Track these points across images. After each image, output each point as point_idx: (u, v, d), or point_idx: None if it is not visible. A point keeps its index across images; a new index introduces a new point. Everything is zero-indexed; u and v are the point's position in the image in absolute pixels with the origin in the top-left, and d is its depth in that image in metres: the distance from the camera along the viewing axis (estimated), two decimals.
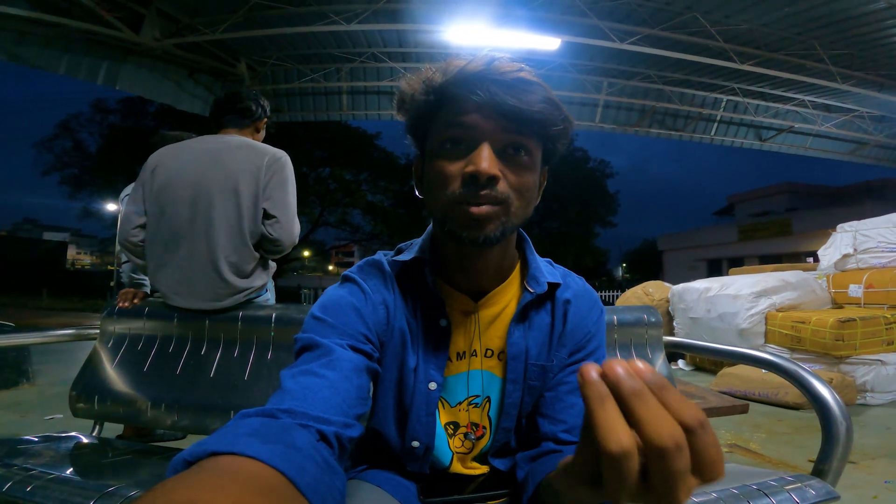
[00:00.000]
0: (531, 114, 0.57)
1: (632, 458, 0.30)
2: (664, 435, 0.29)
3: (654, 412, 0.30)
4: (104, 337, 1.54)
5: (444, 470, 0.72)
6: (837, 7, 6.72)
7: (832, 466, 0.91)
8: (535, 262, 0.73)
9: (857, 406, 3.59)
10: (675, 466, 0.29)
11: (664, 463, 0.29)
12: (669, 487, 0.30)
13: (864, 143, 12.48)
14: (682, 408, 0.30)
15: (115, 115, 20.46)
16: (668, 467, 0.29)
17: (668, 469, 0.29)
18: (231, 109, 1.72)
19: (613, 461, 0.30)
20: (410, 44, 8.78)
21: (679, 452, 0.29)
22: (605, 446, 0.30)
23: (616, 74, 9.86)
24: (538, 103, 0.58)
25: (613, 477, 0.30)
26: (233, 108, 1.72)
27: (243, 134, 1.72)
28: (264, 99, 1.81)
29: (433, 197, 0.63)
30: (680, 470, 0.29)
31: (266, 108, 1.80)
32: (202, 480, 0.33)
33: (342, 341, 0.59)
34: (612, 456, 0.30)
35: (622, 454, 0.29)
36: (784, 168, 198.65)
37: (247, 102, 1.73)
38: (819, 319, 3.87)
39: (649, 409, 0.30)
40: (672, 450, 0.29)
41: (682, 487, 0.30)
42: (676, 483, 0.30)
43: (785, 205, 22.29)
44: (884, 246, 4.61)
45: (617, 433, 0.30)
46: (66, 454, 1.20)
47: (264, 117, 1.80)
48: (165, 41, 7.39)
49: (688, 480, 0.30)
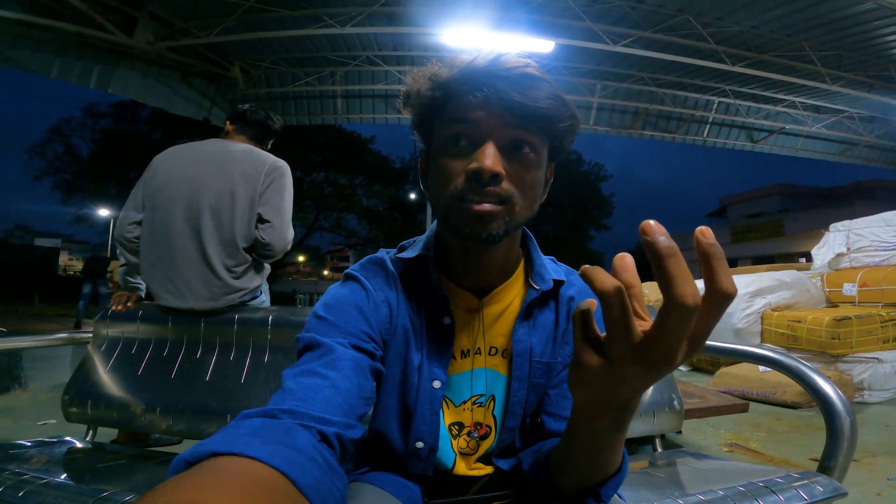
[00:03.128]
0: (537, 110, 0.57)
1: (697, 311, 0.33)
2: (689, 294, 0.32)
3: (684, 272, 0.32)
4: (97, 341, 1.52)
5: (448, 472, 0.71)
6: (826, 8, 6.80)
7: (838, 463, 0.91)
8: (540, 259, 0.72)
9: (855, 404, 3.61)
10: (688, 325, 0.33)
11: (683, 320, 0.33)
12: (675, 345, 0.34)
13: (854, 144, 12.61)
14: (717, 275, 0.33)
15: (107, 120, 20.36)
16: (683, 325, 0.33)
17: (682, 326, 0.33)
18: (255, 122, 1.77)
19: (683, 312, 0.32)
20: (405, 47, 8.80)
21: (694, 312, 0.33)
22: (678, 296, 0.32)
23: (609, 77, 9.93)
24: (544, 100, 0.57)
25: (674, 325, 0.33)
26: (258, 121, 1.78)
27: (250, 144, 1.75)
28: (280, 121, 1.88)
29: (437, 193, 0.62)
30: (688, 329, 0.34)
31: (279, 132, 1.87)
32: (203, 481, 0.33)
33: (344, 340, 0.58)
34: (685, 307, 0.32)
35: (695, 306, 0.32)
36: (775, 170, 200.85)
37: (273, 123, 1.81)
38: (815, 318, 3.89)
39: (681, 268, 0.32)
40: (692, 308, 0.32)
41: (682, 350, 0.35)
42: (679, 342, 0.34)
43: (777, 206, 22.43)
44: (877, 244, 4.65)
45: (693, 286, 0.32)
46: (59, 459, 1.18)
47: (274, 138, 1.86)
48: (159, 44, 7.36)
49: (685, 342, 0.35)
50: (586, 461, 0.51)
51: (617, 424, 0.46)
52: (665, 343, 0.34)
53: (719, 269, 0.33)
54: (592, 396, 0.43)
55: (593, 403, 0.44)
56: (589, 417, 0.46)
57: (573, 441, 0.51)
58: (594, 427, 0.47)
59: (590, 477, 0.53)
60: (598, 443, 0.48)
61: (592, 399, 0.43)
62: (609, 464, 0.52)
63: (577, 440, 0.50)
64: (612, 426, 0.46)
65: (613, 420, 0.45)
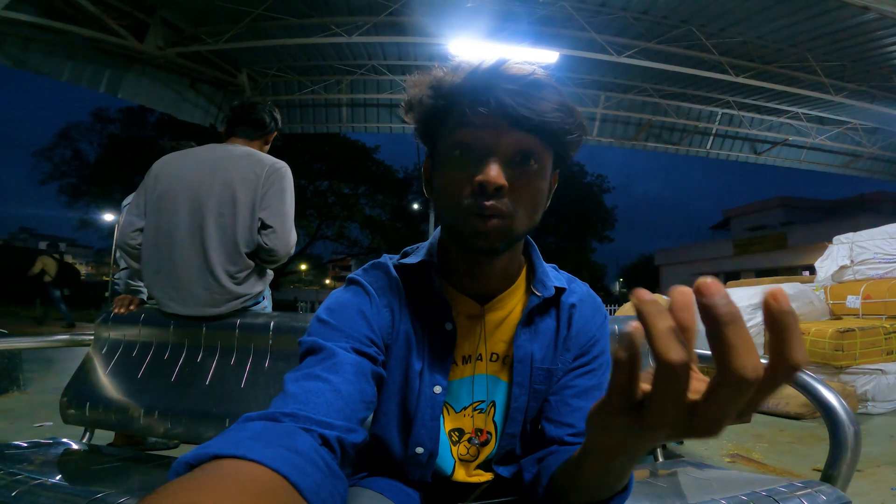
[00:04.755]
0: (542, 123, 0.56)
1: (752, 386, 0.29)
2: (750, 367, 0.28)
3: (746, 341, 0.28)
4: (98, 343, 1.52)
5: (447, 478, 0.70)
6: (829, 19, 6.82)
7: (841, 472, 0.90)
8: (542, 266, 0.73)
9: (858, 415, 3.57)
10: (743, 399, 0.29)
11: (737, 394, 0.29)
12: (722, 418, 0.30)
13: (857, 156, 12.60)
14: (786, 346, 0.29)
15: (115, 125, 20.58)
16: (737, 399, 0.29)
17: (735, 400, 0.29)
18: (244, 120, 1.73)
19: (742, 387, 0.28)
20: (411, 56, 8.87)
21: (752, 387, 0.29)
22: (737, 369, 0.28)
23: (613, 88, 9.98)
24: (550, 112, 0.56)
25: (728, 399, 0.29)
26: (247, 118, 1.73)
27: (251, 145, 1.73)
28: (278, 111, 1.83)
29: (442, 203, 0.62)
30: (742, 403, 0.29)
31: (278, 121, 1.82)
32: (204, 483, 0.33)
33: (347, 344, 0.58)
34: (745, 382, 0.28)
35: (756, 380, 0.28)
36: (779, 182, 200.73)
37: (261, 114, 1.74)
38: (818, 330, 3.87)
39: (743, 337, 0.28)
40: (751, 382, 0.28)
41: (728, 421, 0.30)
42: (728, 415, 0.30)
43: (780, 219, 22.41)
44: (880, 257, 4.64)
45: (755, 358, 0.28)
46: (54, 460, 1.18)
47: (275, 131, 1.82)
48: (168, 50, 7.44)
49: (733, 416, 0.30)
50: (595, 484, 0.50)
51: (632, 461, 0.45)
52: (713, 416, 0.30)
53: (792, 341, 0.28)
54: (613, 443, 0.40)
55: (611, 448, 0.41)
56: (603, 454, 0.44)
57: (582, 465, 0.49)
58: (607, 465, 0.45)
59: (595, 496, 0.52)
60: (608, 471, 0.47)
61: (611, 445, 0.41)
62: (617, 484, 0.51)
63: (587, 466, 0.48)
64: (627, 462, 0.45)
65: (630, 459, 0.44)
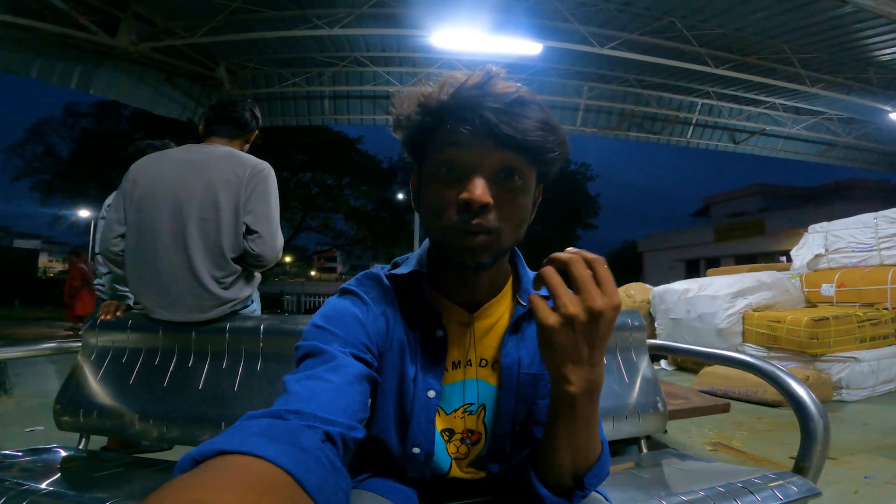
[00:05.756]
0: (525, 142, 0.58)
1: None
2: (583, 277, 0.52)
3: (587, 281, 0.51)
4: (87, 350, 1.51)
5: (444, 475, 0.73)
6: (807, 12, 6.93)
7: (812, 463, 0.95)
8: (528, 276, 0.76)
9: (833, 402, 3.69)
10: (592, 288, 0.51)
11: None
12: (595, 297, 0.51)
13: (833, 145, 12.89)
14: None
15: (87, 120, 20.03)
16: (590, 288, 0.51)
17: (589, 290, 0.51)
18: (224, 118, 1.68)
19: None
20: (394, 48, 8.77)
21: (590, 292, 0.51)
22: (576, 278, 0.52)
23: (596, 79, 10.03)
24: (534, 130, 0.58)
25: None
26: (227, 116, 1.68)
27: (231, 145, 1.68)
28: (258, 109, 1.78)
29: (430, 220, 0.65)
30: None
31: (259, 119, 1.77)
32: (209, 479, 0.34)
33: (345, 349, 0.60)
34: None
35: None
36: (757, 170, 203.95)
37: (242, 113, 1.69)
38: (794, 318, 3.99)
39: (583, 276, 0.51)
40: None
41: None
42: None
43: (758, 205, 22.79)
44: (854, 246, 4.78)
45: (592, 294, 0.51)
46: (55, 468, 1.18)
47: (256, 129, 1.77)
48: (142, 45, 7.24)
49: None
50: (566, 444, 0.57)
51: (587, 398, 0.54)
52: (591, 293, 0.50)
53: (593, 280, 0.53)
54: (560, 357, 0.52)
55: (564, 364, 0.53)
56: (563, 385, 0.53)
57: (553, 425, 0.58)
58: (569, 400, 0.54)
59: (573, 463, 0.58)
60: (574, 422, 0.56)
61: (561, 359, 0.52)
62: (588, 448, 0.58)
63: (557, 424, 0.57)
64: (584, 402, 0.54)
65: (584, 391, 0.53)
